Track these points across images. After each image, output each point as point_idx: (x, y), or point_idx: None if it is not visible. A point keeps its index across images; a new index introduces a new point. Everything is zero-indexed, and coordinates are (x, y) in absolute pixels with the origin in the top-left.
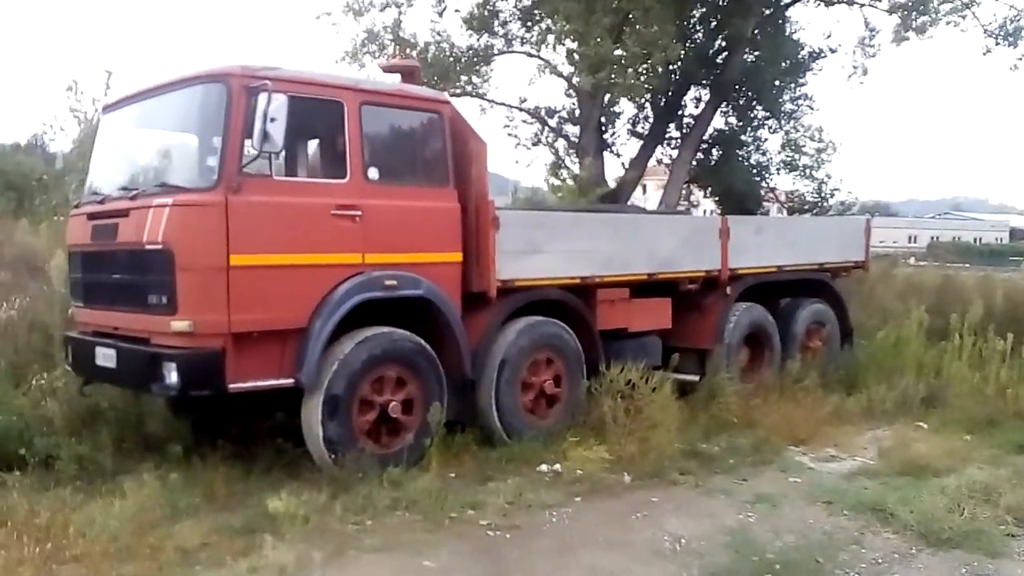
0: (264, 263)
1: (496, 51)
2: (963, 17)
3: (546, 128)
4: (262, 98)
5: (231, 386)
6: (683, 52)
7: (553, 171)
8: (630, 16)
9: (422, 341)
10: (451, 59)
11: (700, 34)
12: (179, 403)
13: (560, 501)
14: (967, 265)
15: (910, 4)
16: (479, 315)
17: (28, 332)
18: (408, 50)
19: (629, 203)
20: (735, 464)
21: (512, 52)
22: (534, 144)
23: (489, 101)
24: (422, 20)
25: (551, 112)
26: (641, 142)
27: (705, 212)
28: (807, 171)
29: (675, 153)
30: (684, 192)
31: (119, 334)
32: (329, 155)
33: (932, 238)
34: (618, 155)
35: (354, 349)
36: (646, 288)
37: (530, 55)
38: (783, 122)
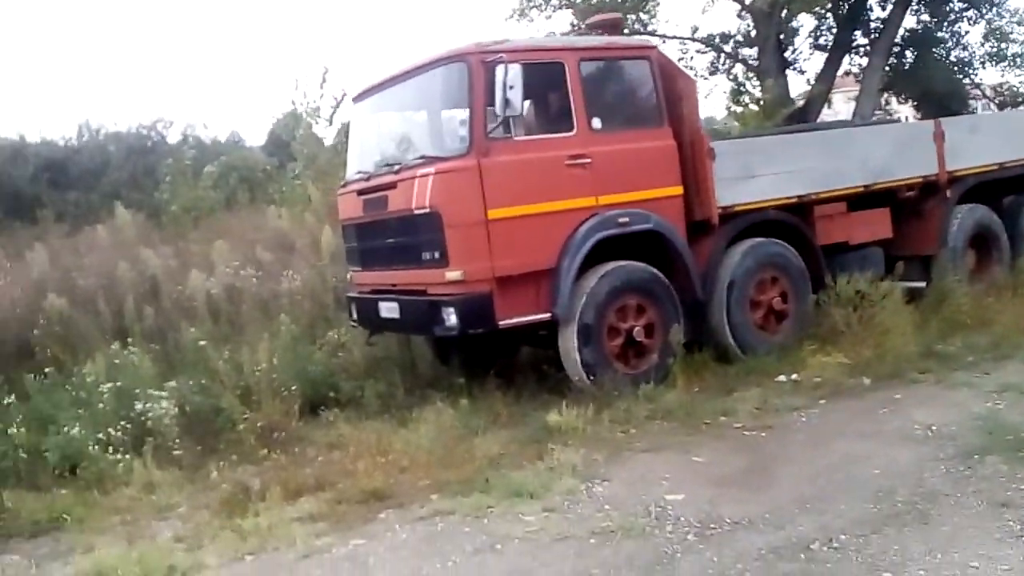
0: (515, 214)
1: None
2: None
3: (722, 55)
4: (499, 70)
5: (501, 323)
6: None
7: (734, 98)
8: None
9: (655, 270)
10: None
11: None
12: (443, 348)
13: (805, 404)
14: None
15: None
16: (704, 241)
17: (310, 299)
18: None
19: (819, 119)
20: (975, 361)
21: None
22: (711, 73)
23: (661, 36)
24: None
25: (726, 38)
26: (826, 55)
27: (906, 119)
28: (1018, 60)
29: (865, 61)
30: (879, 101)
31: (398, 289)
32: (556, 111)
33: None
34: (802, 72)
35: (598, 282)
36: (863, 200)
37: None
38: (984, 11)
